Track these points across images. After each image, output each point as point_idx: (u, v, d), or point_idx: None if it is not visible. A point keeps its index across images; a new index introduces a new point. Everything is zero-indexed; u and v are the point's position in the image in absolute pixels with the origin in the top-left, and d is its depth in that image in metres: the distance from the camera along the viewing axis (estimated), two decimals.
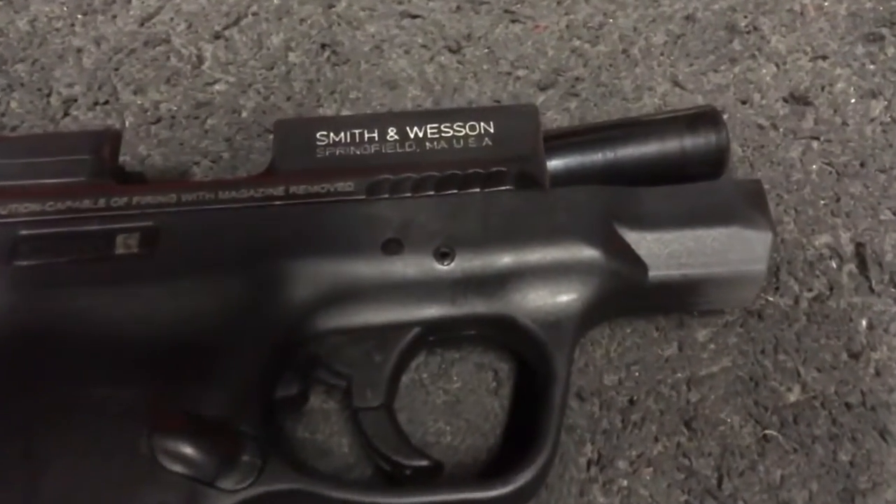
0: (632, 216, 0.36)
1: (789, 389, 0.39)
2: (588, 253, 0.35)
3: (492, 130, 0.38)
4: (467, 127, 0.38)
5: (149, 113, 0.47)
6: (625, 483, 0.37)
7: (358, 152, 0.38)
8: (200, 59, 0.48)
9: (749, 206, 0.37)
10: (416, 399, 0.39)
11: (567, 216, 0.36)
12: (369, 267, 0.35)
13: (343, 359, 0.35)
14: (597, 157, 0.40)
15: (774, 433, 0.38)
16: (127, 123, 0.46)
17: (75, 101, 0.47)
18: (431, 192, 0.37)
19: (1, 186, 0.36)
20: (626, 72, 0.48)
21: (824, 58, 0.48)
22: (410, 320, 0.35)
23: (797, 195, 0.44)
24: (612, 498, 0.37)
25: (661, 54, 0.49)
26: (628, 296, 0.37)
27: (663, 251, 0.36)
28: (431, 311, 0.35)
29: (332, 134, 0.38)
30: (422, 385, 0.40)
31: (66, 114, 0.46)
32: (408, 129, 0.38)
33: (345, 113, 0.47)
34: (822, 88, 0.47)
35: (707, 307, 0.40)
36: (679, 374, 0.40)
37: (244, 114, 0.47)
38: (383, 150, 0.38)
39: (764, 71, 0.48)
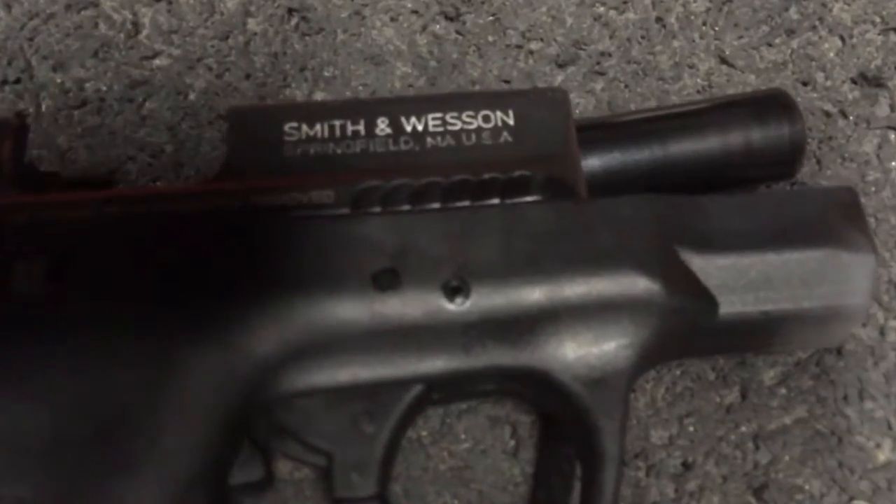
0: (697, 235, 0.28)
1: (878, 446, 0.32)
2: (643, 285, 0.27)
3: (511, 122, 0.30)
4: (480, 117, 0.30)
5: (71, 94, 0.37)
6: None
7: (339, 151, 0.29)
8: (136, 27, 0.39)
9: (844, 221, 0.29)
10: (413, 464, 0.31)
11: (614, 236, 0.27)
12: (356, 307, 0.26)
13: (320, 430, 0.26)
14: (642, 154, 0.31)
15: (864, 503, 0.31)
16: (43, 107, 0.37)
17: None
18: (436, 205, 0.28)
19: None
20: (662, 45, 0.40)
21: None
22: (410, 376, 0.27)
23: (876, 199, 0.36)
24: None
25: (704, 24, 0.40)
26: (691, 338, 0.29)
27: (738, 281, 0.28)
28: (438, 363, 0.27)
29: (304, 126, 0.29)
30: (420, 446, 0.31)
31: None
32: (403, 120, 0.30)
33: (319, 96, 0.38)
34: None
35: (787, 349, 0.31)
36: (744, 429, 0.32)
37: (191, 96, 0.37)
38: (372, 149, 0.29)
39: (826, 45, 0.40)
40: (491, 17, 0.40)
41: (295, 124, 0.29)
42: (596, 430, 0.26)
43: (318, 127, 0.29)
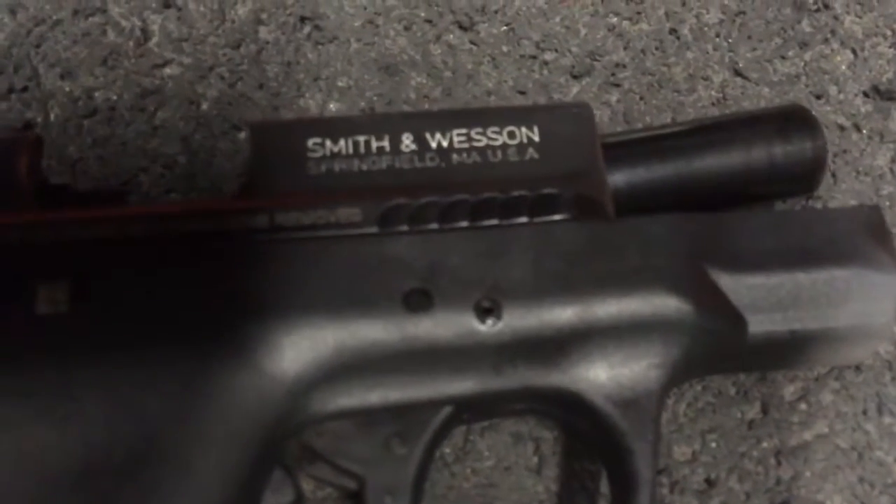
0: (727, 254, 0.28)
1: None
2: (674, 305, 0.27)
3: (536, 138, 0.29)
4: (505, 133, 0.29)
5: (80, 103, 0.36)
6: None
7: (364, 167, 0.28)
8: (146, 35, 0.38)
9: (871, 240, 0.29)
10: (437, 484, 0.31)
11: (645, 256, 0.27)
12: (388, 328, 0.26)
13: (352, 453, 0.26)
14: (667, 170, 0.31)
15: None
16: (52, 117, 0.36)
17: None
18: (465, 224, 0.28)
19: None
20: (676, 57, 0.39)
21: None
22: (441, 397, 0.27)
23: (891, 214, 0.36)
24: None
25: (717, 36, 0.40)
26: (718, 357, 0.29)
27: (767, 300, 0.28)
28: (468, 384, 0.27)
29: (328, 142, 0.29)
30: (444, 464, 0.31)
31: None
32: (428, 135, 0.29)
33: (333, 107, 0.37)
34: None
35: (811, 366, 0.32)
36: (766, 444, 0.32)
37: (204, 105, 0.37)
38: (397, 165, 0.29)
39: (839, 58, 0.40)
40: (505, 27, 0.40)
41: (318, 140, 0.29)
42: (629, 452, 0.26)
43: (342, 143, 0.29)
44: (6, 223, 0.26)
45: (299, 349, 0.25)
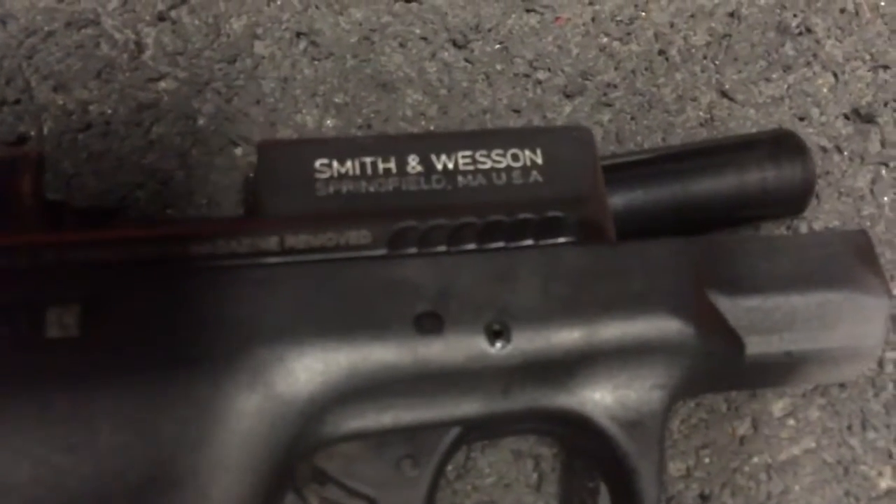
0: (725, 278, 0.29)
1: (880, 474, 0.33)
2: (677, 328, 0.28)
3: (539, 161, 0.30)
4: (509, 156, 0.30)
5: (74, 117, 0.36)
6: None
7: (372, 189, 0.29)
8: (140, 48, 0.38)
9: (860, 264, 0.30)
10: (440, 501, 0.31)
11: (647, 279, 0.28)
12: (400, 351, 0.26)
13: (363, 474, 0.26)
14: (664, 193, 0.32)
15: None
16: (45, 130, 0.36)
17: None
18: (472, 246, 0.28)
19: None
20: (665, 78, 0.40)
21: (885, 67, 0.42)
22: (451, 418, 0.27)
23: (872, 234, 0.37)
24: None
25: (705, 58, 0.41)
26: (716, 378, 0.29)
27: (763, 322, 0.29)
28: (477, 405, 0.27)
29: (335, 163, 0.29)
30: (446, 482, 0.31)
31: None
32: (433, 157, 0.30)
33: (330, 123, 0.37)
34: (886, 104, 0.41)
35: (802, 385, 0.33)
36: (756, 460, 0.33)
37: (200, 120, 0.37)
38: (404, 188, 0.29)
39: (820, 81, 0.41)
40: (498, 46, 0.40)
41: (326, 161, 0.29)
42: (634, 472, 0.27)
43: (349, 164, 0.29)
44: (12, 245, 0.26)
45: (312, 372, 0.25)
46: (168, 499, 0.24)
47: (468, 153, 0.30)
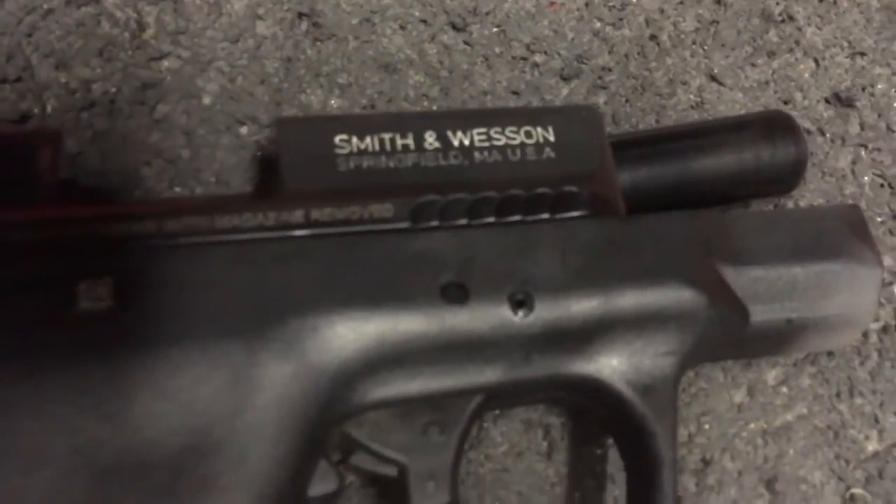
0: (731, 250, 0.30)
1: (867, 438, 0.35)
2: (688, 296, 0.29)
3: (552, 139, 0.31)
4: (522, 133, 0.31)
5: (77, 95, 0.36)
6: None
7: (392, 164, 0.29)
8: (141, 26, 0.37)
9: (854, 236, 0.32)
10: None
11: (659, 250, 0.29)
12: (427, 320, 0.27)
13: (392, 441, 0.27)
14: (667, 171, 0.33)
15: (861, 491, 0.34)
16: (48, 109, 0.35)
17: None
18: (491, 220, 0.29)
19: None
20: (657, 62, 0.42)
21: (862, 54, 0.44)
22: (475, 385, 0.28)
23: None
24: None
25: (694, 43, 0.42)
26: (722, 345, 0.31)
27: (767, 292, 0.30)
28: (500, 373, 0.28)
29: (355, 139, 0.29)
30: None
31: None
32: (450, 134, 0.30)
33: (335, 103, 0.38)
34: (864, 89, 0.43)
35: (798, 353, 0.34)
36: (753, 425, 0.34)
37: (205, 99, 0.37)
38: (423, 163, 0.30)
39: (802, 67, 0.43)
40: (496, 29, 0.41)
41: (345, 137, 0.29)
42: (650, 434, 0.28)
43: (368, 140, 0.30)
44: (38, 219, 0.26)
45: (343, 341, 0.26)
46: (206, 466, 0.24)
47: (483, 130, 0.31)
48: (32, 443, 0.23)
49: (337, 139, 0.29)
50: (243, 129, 0.37)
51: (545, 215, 0.29)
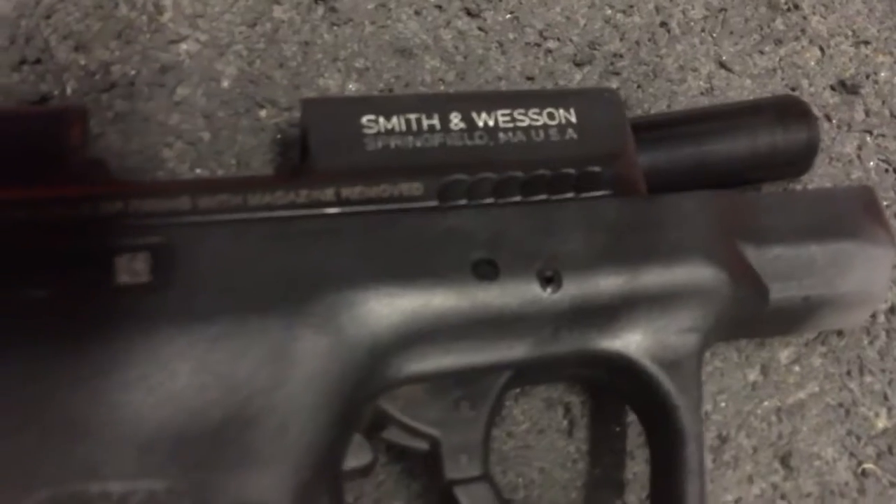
0: (750, 229, 0.31)
1: (877, 415, 0.36)
2: (711, 274, 0.29)
3: (574, 120, 0.31)
4: (545, 114, 0.31)
5: (97, 77, 0.36)
6: None
7: (418, 144, 0.30)
8: (159, 9, 0.38)
9: (868, 217, 0.32)
10: None
11: (682, 228, 0.30)
12: (459, 296, 0.27)
13: (425, 415, 0.27)
14: (685, 153, 0.34)
15: (872, 466, 0.35)
16: (68, 90, 0.35)
17: None
18: (518, 199, 0.29)
19: None
20: (667, 49, 0.42)
21: (866, 43, 0.45)
22: (504, 361, 0.28)
23: None
24: None
25: (702, 30, 0.43)
26: (741, 323, 0.31)
27: (784, 269, 0.31)
28: (527, 348, 0.28)
29: (381, 119, 0.30)
30: None
31: None
32: (474, 115, 0.31)
33: (352, 86, 0.38)
34: (868, 77, 0.44)
35: (813, 330, 0.35)
36: (767, 403, 0.35)
37: (224, 82, 0.37)
38: (449, 143, 0.30)
39: (808, 55, 0.44)
40: (509, 15, 0.42)
41: (372, 117, 0.30)
42: (675, 409, 0.28)
43: (394, 120, 0.30)
44: (73, 196, 0.26)
45: (378, 316, 0.26)
46: (248, 438, 0.24)
47: (507, 111, 0.31)
48: (77, 414, 0.23)
49: (364, 119, 0.30)
50: (262, 112, 0.37)
51: (570, 195, 0.30)
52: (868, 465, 0.34)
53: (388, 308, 0.26)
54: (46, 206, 0.25)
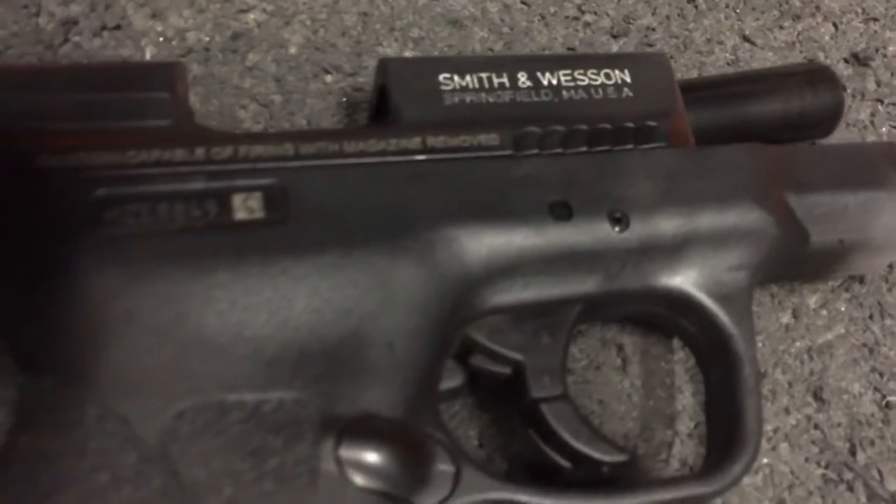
0: (792, 178, 0.34)
1: None
2: (759, 217, 0.32)
3: (629, 80, 0.34)
4: (602, 75, 0.34)
5: (174, 43, 0.38)
6: (766, 461, 0.35)
7: (491, 100, 0.32)
8: None
9: (893, 170, 0.35)
10: None
11: (731, 176, 0.33)
12: (539, 234, 0.30)
13: (509, 342, 0.30)
14: (726, 112, 0.37)
15: (895, 399, 0.38)
16: (148, 55, 0.37)
17: (76, 23, 0.37)
18: (584, 149, 0.32)
19: (58, 129, 0.28)
20: (695, 23, 0.45)
21: (875, 20, 0.48)
22: (577, 295, 0.31)
23: None
24: (755, 477, 0.35)
25: (727, 6, 0.46)
26: (784, 264, 0.34)
27: (822, 214, 0.34)
28: (597, 283, 0.31)
29: (456, 77, 0.32)
30: None
31: (65, 39, 0.37)
32: (539, 74, 0.33)
33: (409, 55, 0.41)
34: (877, 50, 0.47)
35: (841, 275, 0.38)
36: (799, 343, 0.38)
37: (292, 49, 0.39)
38: (518, 99, 0.33)
39: (823, 30, 0.47)
40: None
41: (448, 75, 0.32)
42: (731, 337, 0.31)
43: (468, 78, 0.32)
44: (189, 138, 0.28)
45: (466, 251, 0.29)
46: (361, 355, 0.27)
47: (568, 72, 0.34)
48: (209, 334, 0.25)
49: (441, 77, 0.32)
50: (328, 77, 0.39)
51: (629, 146, 0.33)
52: (891, 398, 0.38)
53: (476, 244, 0.29)
54: (168, 146, 0.28)
